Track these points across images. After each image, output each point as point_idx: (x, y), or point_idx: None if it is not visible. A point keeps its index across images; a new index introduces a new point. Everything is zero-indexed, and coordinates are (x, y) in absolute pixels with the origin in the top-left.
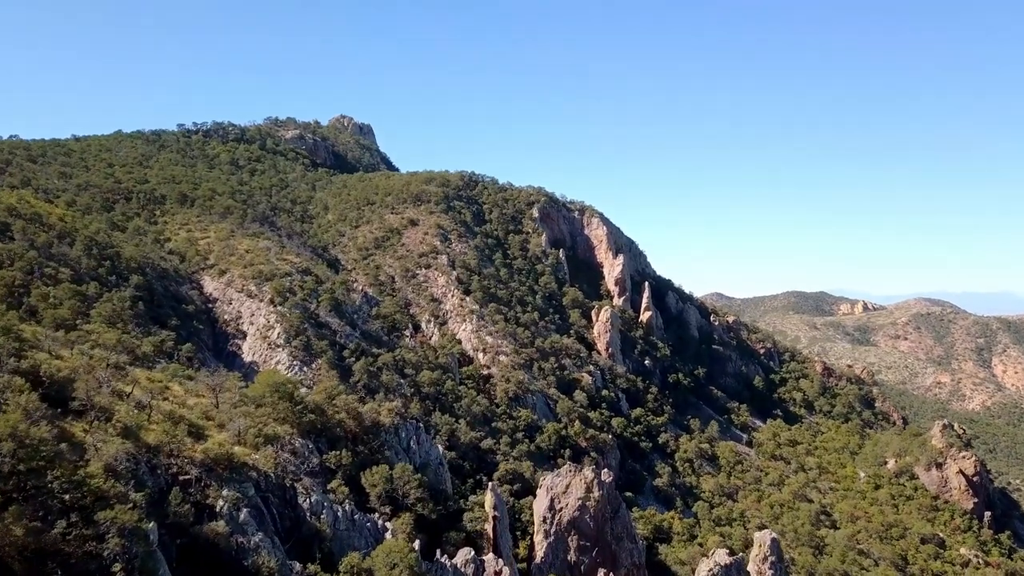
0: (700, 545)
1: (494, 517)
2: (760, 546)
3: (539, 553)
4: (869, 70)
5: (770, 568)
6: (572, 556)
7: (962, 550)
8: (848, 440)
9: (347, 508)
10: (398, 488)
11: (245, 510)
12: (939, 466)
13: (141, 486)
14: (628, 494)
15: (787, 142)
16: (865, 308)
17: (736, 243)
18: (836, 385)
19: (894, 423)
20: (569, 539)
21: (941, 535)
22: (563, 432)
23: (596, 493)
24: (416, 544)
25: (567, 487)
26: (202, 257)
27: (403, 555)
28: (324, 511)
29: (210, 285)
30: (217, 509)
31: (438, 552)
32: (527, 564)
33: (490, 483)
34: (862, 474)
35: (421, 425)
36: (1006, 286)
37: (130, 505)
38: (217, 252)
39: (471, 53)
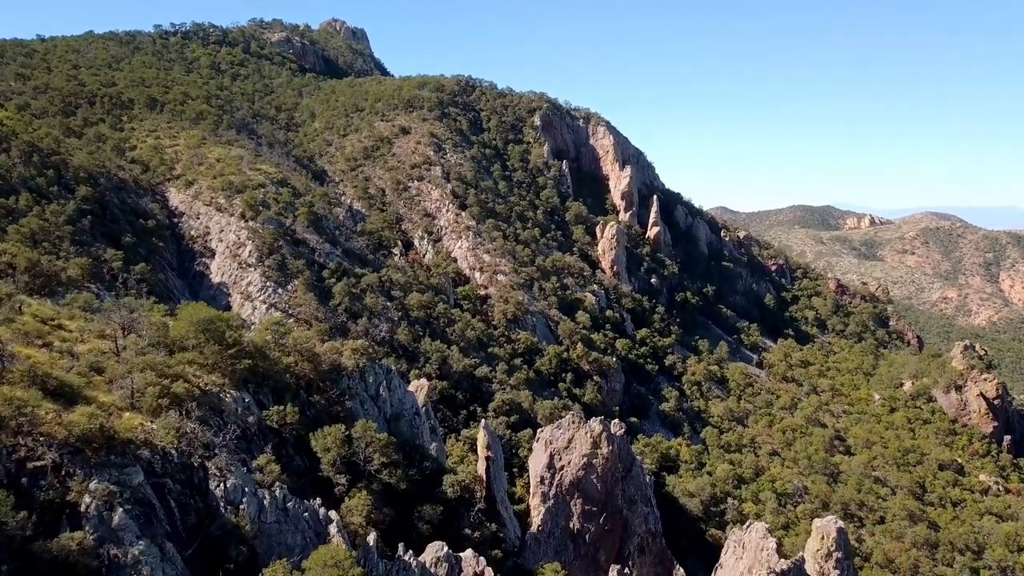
0: (709, 474)
1: (487, 457)
2: (823, 538)
3: (535, 520)
4: None
5: (835, 567)
6: (575, 523)
7: (981, 476)
8: (862, 361)
9: (278, 493)
10: (359, 451)
11: (122, 509)
12: (959, 388)
13: None
14: (633, 419)
15: (790, 52)
16: (872, 222)
17: (741, 156)
18: (850, 303)
19: (908, 343)
20: (572, 503)
21: (959, 461)
22: (564, 355)
23: (604, 449)
24: (372, 538)
25: (570, 441)
26: (168, 167)
27: (343, 568)
28: (245, 499)
29: (176, 198)
30: (82, 509)
31: (401, 547)
32: (521, 531)
33: (483, 419)
34: (877, 396)
35: (393, 368)
36: (1009, 200)
37: None
38: (185, 161)
39: None
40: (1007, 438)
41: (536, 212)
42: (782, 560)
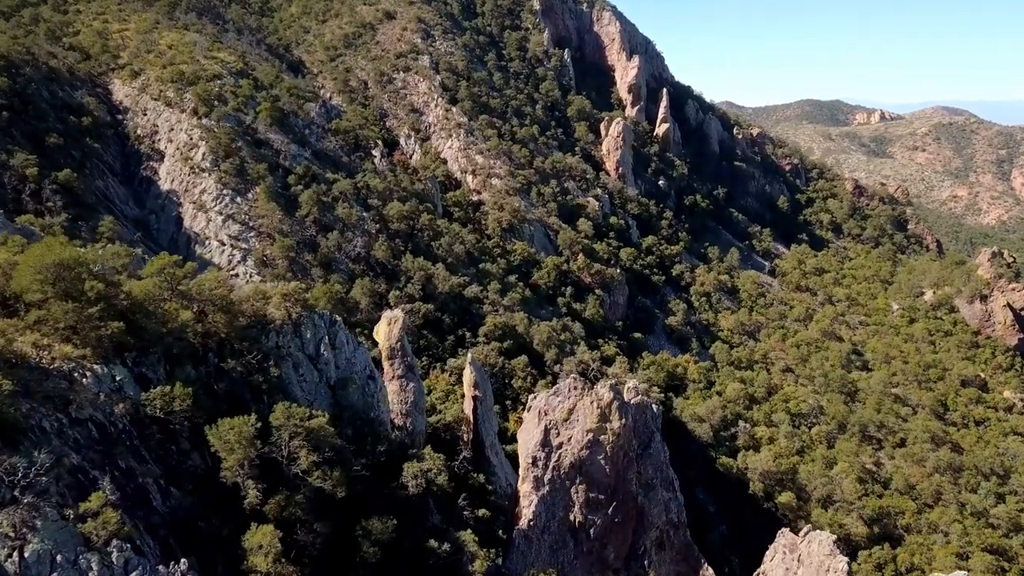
0: (719, 394)
1: (475, 397)
2: None
3: (526, 512)
4: None
5: None
6: (576, 515)
7: (1006, 393)
8: (879, 267)
9: (116, 557)
10: (280, 445)
11: None
12: (983, 299)
13: None
14: (637, 335)
15: None
16: (882, 118)
17: (746, 50)
18: (867, 205)
19: (927, 247)
20: (573, 490)
21: (982, 376)
22: (564, 267)
23: (616, 423)
24: None
25: (570, 412)
26: (113, 55)
27: None
28: (57, 573)
29: (120, 91)
30: None
31: None
32: (509, 522)
33: (470, 352)
34: (895, 306)
35: (339, 320)
36: (1020, 95)
37: None
38: (132, 48)
39: None
40: None
41: (535, 107)
42: None
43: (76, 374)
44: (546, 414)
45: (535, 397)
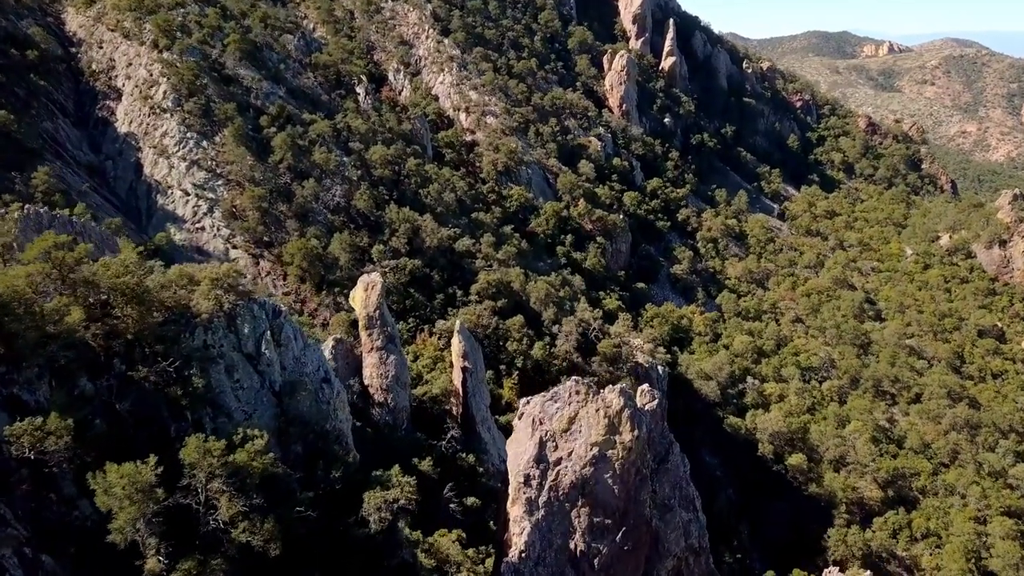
0: (726, 348)
1: (464, 368)
2: None
3: (517, 540)
4: None
5: None
6: (577, 543)
7: None
8: (892, 210)
9: None
10: (196, 490)
11: None
12: (1002, 243)
13: None
14: (640, 285)
15: None
16: (891, 50)
17: None
18: (880, 144)
19: (942, 188)
20: (574, 514)
21: (1000, 325)
22: (563, 213)
23: (627, 435)
24: None
25: (571, 421)
26: None
27: None
28: None
29: (74, 21)
30: None
31: None
32: (496, 554)
33: (457, 320)
34: (909, 251)
35: (285, 309)
36: None
37: None
38: None
39: None
40: None
41: (533, 39)
42: None
43: None
44: (542, 423)
45: (527, 402)
